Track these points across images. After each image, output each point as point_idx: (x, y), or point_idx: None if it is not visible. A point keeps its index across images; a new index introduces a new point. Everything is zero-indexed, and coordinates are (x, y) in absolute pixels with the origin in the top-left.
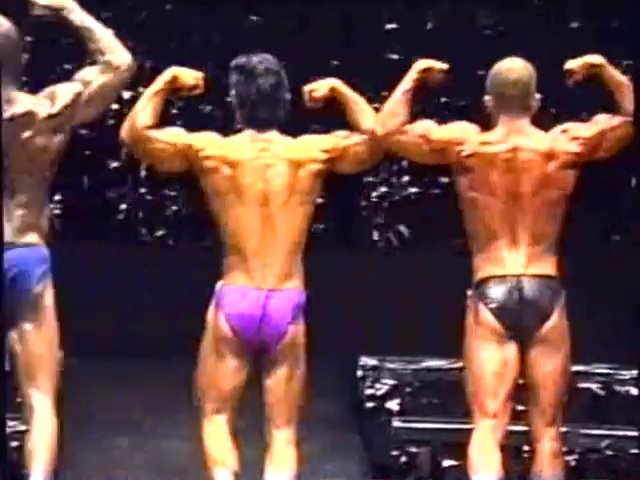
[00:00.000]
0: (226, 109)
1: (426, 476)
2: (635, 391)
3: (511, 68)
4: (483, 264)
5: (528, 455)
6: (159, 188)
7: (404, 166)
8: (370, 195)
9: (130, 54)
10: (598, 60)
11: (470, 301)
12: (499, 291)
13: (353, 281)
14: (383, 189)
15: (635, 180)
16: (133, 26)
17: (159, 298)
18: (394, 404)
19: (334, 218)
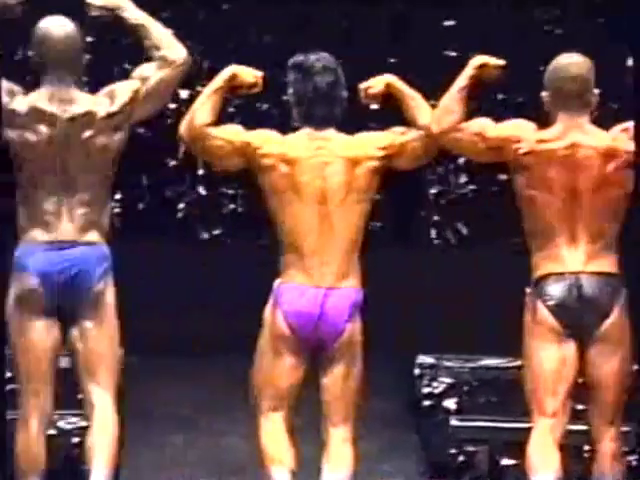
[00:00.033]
0: (283, 107)
1: (484, 475)
2: None
3: (570, 63)
4: (542, 262)
5: (588, 455)
6: (217, 186)
7: (461, 164)
8: (428, 193)
9: (185, 49)
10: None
11: (528, 299)
12: (558, 289)
13: (410, 279)
14: (440, 187)
15: None
16: (191, 26)
17: (217, 296)
18: (451, 403)
19: (392, 216)
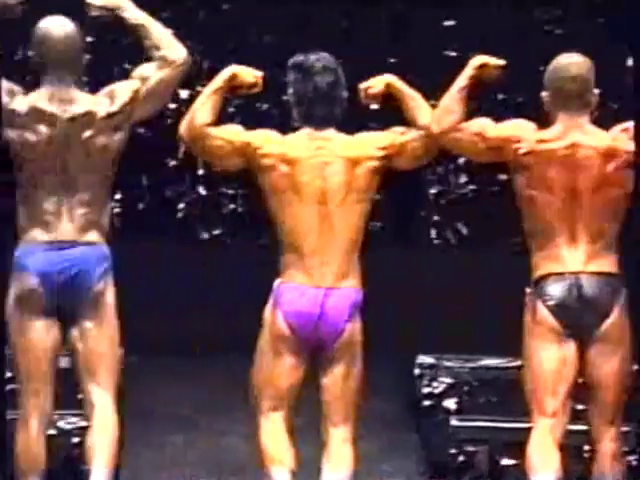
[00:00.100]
0: (283, 107)
1: (484, 475)
2: None
3: (570, 63)
4: (542, 262)
5: (588, 455)
6: (217, 186)
7: (461, 164)
8: (428, 193)
9: (185, 49)
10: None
11: (528, 299)
12: (558, 288)
13: (410, 279)
14: (440, 187)
15: None
16: (191, 26)
17: (217, 296)
18: (451, 402)
19: (392, 216)
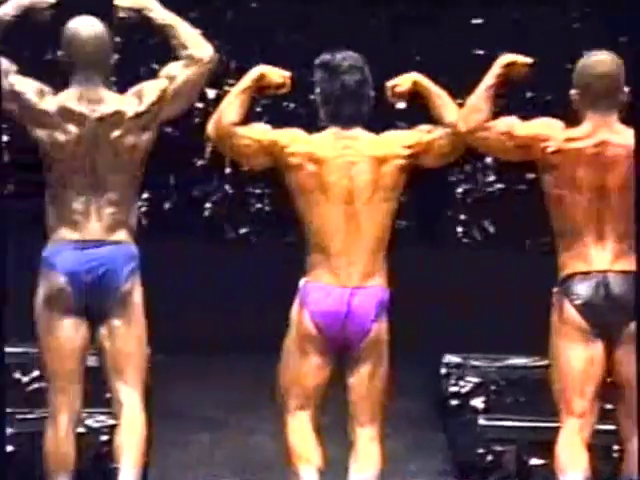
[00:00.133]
0: (310, 107)
1: (512, 475)
2: None
3: (598, 61)
4: (569, 261)
5: (617, 455)
6: (244, 185)
7: (489, 162)
8: (455, 191)
9: (212, 47)
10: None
11: (555, 298)
12: (584, 287)
13: (437, 278)
14: (468, 185)
15: None
16: (219, 26)
17: (243, 295)
18: (479, 402)
19: (418, 215)
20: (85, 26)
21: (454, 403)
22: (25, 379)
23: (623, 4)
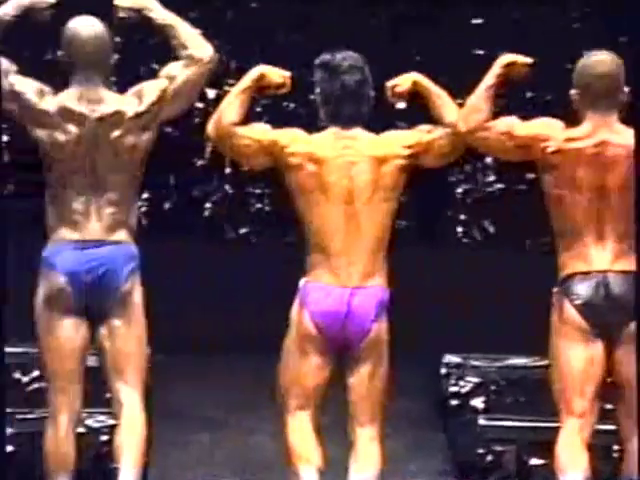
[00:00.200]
0: (310, 107)
1: (512, 475)
2: None
3: (598, 61)
4: (569, 261)
5: (617, 455)
6: (244, 185)
7: (489, 162)
8: (454, 191)
9: (212, 47)
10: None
11: (555, 298)
12: (584, 287)
13: (437, 278)
14: (468, 185)
15: None
16: (219, 26)
17: (243, 295)
18: (479, 402)
19: (418, 215)
20: (85, 26)
21: (454, 403)
22: (25, 379)
23: (623, 4)
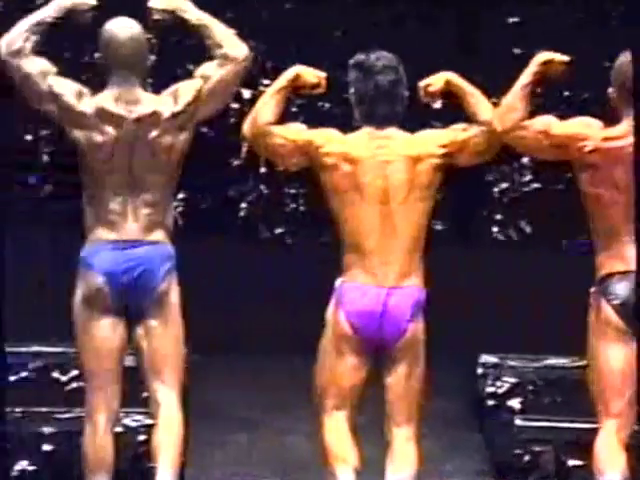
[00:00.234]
0: (345, 106)
1: (551, 475)
2: None
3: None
4: (607, 261)
5: None
6: (279, 185)
7: (526, 162)
8: (490, 191)
9: (246, 46)
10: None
11: (593, 298)
12: (622, 287)
13: (473, 278)
14: (504, 185)
15: None
16: (254, 27)
17: (278, 295)
18: (516, 402)
19: (454, 214)
20: (122, 28)
21: (491, 403)
22: (64, 378)
23: None
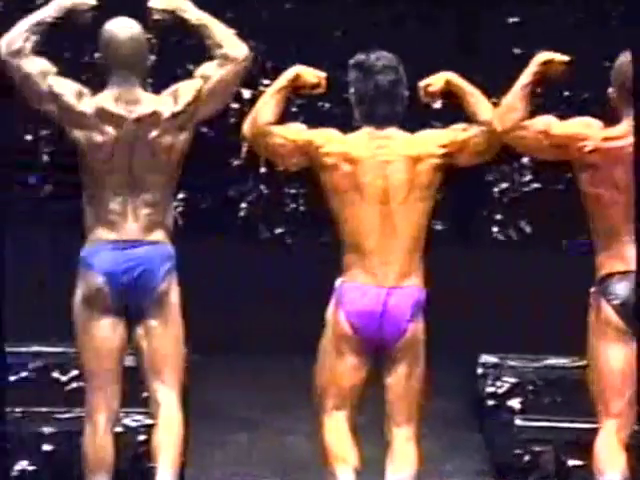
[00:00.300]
0: (345, 106)
1: (551, 475)
2: None
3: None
4: (606, 261)
5: None
6: (279, 185)
7: (525, 162)
8: (490, 191)
9: (246, 46)
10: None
11: (593, 298)
12: (622, 287)
13: (473, 278)
14: (504, 185)
15: None
16: (254, 26)
17: (278, 295)
18: (516, 402)
19: (453, 215)
20: (122, 28)
21: (491, 403)
22: (64, 378)
23: None
